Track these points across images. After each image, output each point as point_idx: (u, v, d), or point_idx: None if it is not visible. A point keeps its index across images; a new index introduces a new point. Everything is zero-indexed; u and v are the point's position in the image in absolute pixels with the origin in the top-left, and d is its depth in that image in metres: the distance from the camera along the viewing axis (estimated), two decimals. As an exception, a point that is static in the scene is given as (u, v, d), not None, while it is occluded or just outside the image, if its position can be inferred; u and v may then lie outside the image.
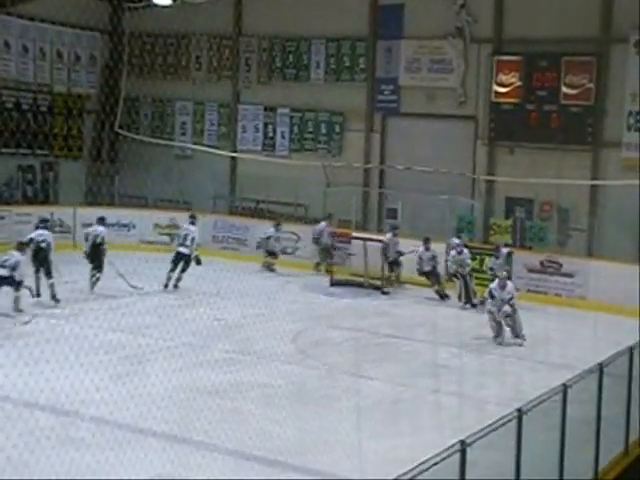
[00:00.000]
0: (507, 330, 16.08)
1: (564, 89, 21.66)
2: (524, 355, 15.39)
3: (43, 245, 17.58)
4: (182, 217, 24.78)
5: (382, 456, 9.91)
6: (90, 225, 19.80)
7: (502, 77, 22.53)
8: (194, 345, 14.49)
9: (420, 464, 6.09)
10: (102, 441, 9.90)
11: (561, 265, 20.27)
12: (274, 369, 12.97)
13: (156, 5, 25.06)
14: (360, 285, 20.84)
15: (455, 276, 19.63)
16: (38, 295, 16.95)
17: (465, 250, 19.58)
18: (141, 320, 15.47)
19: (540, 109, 21.98)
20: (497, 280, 16.29)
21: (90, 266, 18.58)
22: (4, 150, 25.14)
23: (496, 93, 22.61)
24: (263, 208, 25.50)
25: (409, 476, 5.91)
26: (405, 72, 24.04)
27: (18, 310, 16.07)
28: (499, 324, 15.91)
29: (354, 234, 22.29)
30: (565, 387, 8.52)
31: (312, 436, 10.39)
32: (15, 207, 24.20)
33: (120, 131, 26.96)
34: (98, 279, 18.41)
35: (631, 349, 10.23)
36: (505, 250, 19.64)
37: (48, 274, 17.25)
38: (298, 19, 25.09)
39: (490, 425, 7.21)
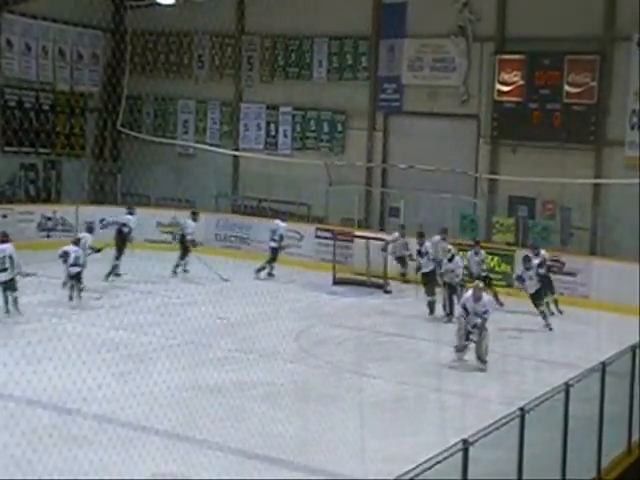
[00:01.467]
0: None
1: (567, 88, 21.64)
2: (526, 354, 15.39)
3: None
4: (184, 215, 24.83)
5: (385, 454, 9.91)
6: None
7: (505, 76, 22.51)
8: (197, 343, 14.50)
9: (423, 463, 6.09)
10: (104, 439, 9.91)
11: (564, 264, 20.25)
12: (277, 367, 12.98)
13: (159, 3, 25.05)
14: (363, 284, 20.84)
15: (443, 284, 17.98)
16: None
17: (457, 258, 18.03)
18: (143, 318, 15.47)
19: (543, 108, 21.96)
20: (471, 290, 14.46)
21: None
22: (7, 149, 25.17)
23: (499, 92, 22.60)
24: (265, 207, 25.50)
25: (412, 475, 5.91)
26: (408, 71, 24.03)
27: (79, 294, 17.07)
28: (466, 335, 14.20)
29: (356, 233, 22.30)
30: (567, 386, 8.51)
31: (315, 434, 10.38)
32: (18, 206, 24.22)
33: (122, 129, 26.95)
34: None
35: (634, 348, 10.21)
36: (536, 261, 17.93)
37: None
38: (301, 17, 25.07)
39: (493, 424, 7.21)
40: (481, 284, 14.93)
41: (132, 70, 27.20)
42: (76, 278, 17.13)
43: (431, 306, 18.02)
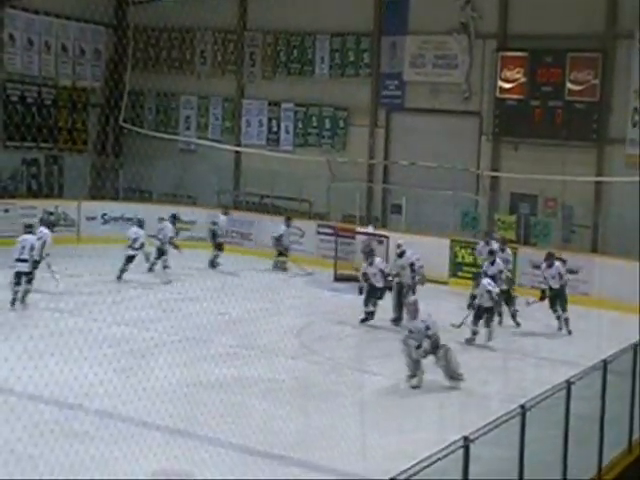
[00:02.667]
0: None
1: (569, 85, 21.63)
2: (528, 352, 15.40)
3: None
4: (186, 211, 24.89)
5: (385, 451, 9.93)
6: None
7: (507, 73, 22.50)
8: (198, 339, 14.53)
9: (423, 460, 6.10)
10: (106, 435, 9.93)
11: (565, 261, 20.20)
12: (278, 364, 12.98)
13: (161, -1, 25.07)
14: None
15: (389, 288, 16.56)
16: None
17: (409, 253, 16.80)
18: (145, 314, 15.50)
19: (545, 105, 21.95)
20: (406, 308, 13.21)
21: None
22: (9, 143, 25.16)
23: (501, 89, 22.58)
24: (267, 203, 25.50)
25: (412, 471, 5.92)
26: (410, 67, 24.02)
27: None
28: (416, 363, 12.74)
29: (358, 229, 22.30)
30: (569, 384, 8.52)
31: (316, 431, 10.40)
32: (20, 200, 24.24)
33: (125, 125, 26.93)
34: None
35: (635, 346, 10.21)
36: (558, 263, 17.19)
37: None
38: (303, 14, 25.04)
39: (493, 421, 7.22)
40: (412, 298, 13.48)
41: (134, 66, 27.15)
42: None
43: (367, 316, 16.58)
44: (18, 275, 16.34)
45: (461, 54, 23.23)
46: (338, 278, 21.16)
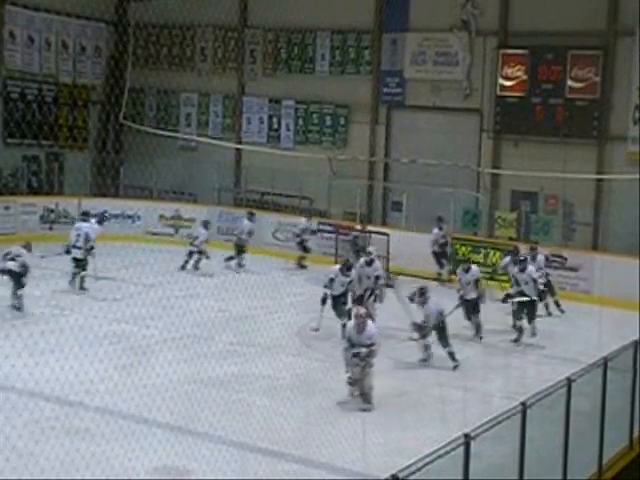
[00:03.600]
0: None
1: (570, 82, 21.62)
2: (529, 349, 15.38)
3: None
4: (187, 208, 24.92)
5: (386, 448, 9.93)
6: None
7: (507, 70, 22.49)
8: (198, 337, 14.52)
9: (424, 457, 6.10)
10: (107, 431, 9.93)
11: (566, 259, 20.25)
12: (279, 361, 12.98)
13: (162, -4, 25.06)
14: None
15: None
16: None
17: (377, 263, 15.96)
18: (145, 311, 15.48)
19: (546, 102, 21.94)
20: (353, 319, 12.00)
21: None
22: (9, 140, 25.17)
23: (501, 86, 22.58)
24: (268, 200, 25.50)
25: (413, 468, 5.92)
26: (410, 65, 24.01)
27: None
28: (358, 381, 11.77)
29: (358, 227, 22.28)
30: (569, 381, 8.52)
31: (316, 428, 10.39)
32: (20, 198, 24.24)
33: (125, 122, 26.95)
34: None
35: (636, 343, 10.21)
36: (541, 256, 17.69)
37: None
38: (303, 11, 25.01)
39: (494, 418, 7.22)
40: (362, 310, 12.17)
41: (135, 63, 27.19)
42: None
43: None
44: (75, 260, 17.55)
45: (462, 51, 23.22)
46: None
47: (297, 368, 12.95)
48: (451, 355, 13.74)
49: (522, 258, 16.24)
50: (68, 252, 17.56)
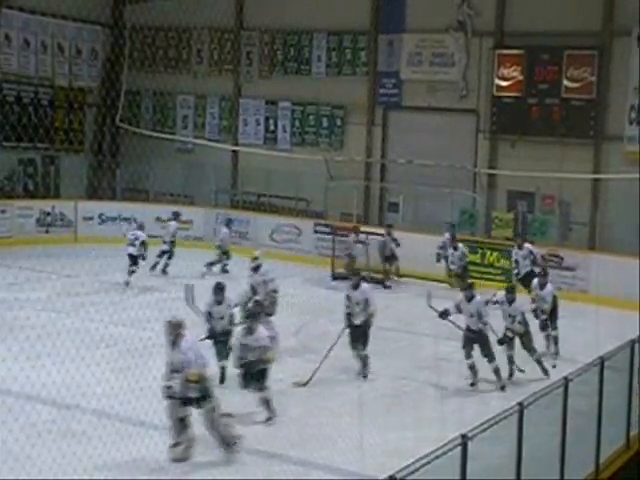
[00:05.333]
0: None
1: (566, 82, 21.63)
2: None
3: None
4: (183, 211, 24.81)
5: (384, 449, 9.92)
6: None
7: (504, 70, 22.50)
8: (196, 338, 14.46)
9: (422, 457, 6.09)
10: (104, 434, 9.91)
11: (562, 259, 20.26)
12: (275, 362, 12.95)
13: (157, -2, 25.08)
14: (364, 279, 20.74)
15: None
16: None
17: (268, 275, 14.52)
18: (142, 314, 15.40)
19: (542, 103, 21.95)
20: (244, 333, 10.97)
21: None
22: (5, 144, 25.13)
23: (498, 86, 22.59)
24: (264, 202, 25.49)
25: (411, 469, 5.92)
26: (407, 65, 24.02)
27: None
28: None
29: (358, 227, 22.29)
30: (566, 380, 8.52)
31: (314, 429, 10.39)
32: (16, 201, 24.23)
33: (121, 125, 26.94)
34: None
35: (632, 342, 10.22)
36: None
37: None
38: (300, 12, 25.05)
39: (492, 418, 7.21)
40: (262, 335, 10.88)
41: (131, 65, 27.17)
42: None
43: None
44: (130, 257, 18.76)
45: (458, 52, 23.23)
46: (336, 277, 21.15)
47: (294, 369, 12.93)
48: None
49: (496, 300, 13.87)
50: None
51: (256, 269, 14.59)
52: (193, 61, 27.50)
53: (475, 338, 12.71)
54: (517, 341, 13.30)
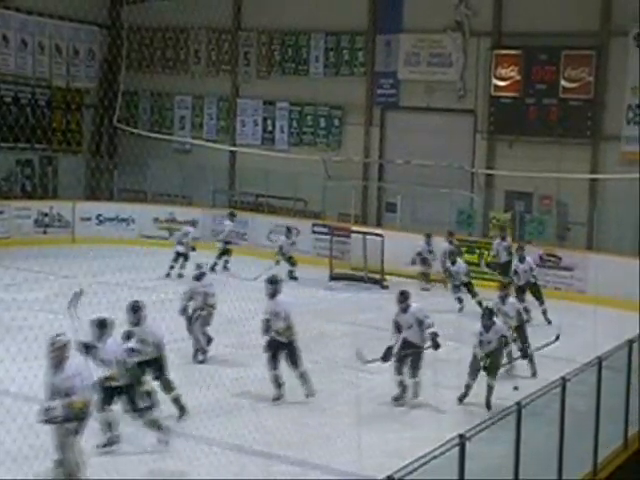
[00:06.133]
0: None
1: (563, 83, 21.65)
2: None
3: None
4: (181, 211, 24.88)
5: (382, 449, 9.92)
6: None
7: (501, 71, 22.52)
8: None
9: (420, 458, 6.09)
10: (101, 435, 9.89)
11: (560, 259, 20.28)
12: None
13: (155, -1, 25.09)
14: (360, 279, 20.83)
15: None
16: None
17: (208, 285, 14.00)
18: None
19: (539, 103, 21.97)
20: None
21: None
22: (3, 144, 25.08)
23: (495, 87, 22.60)
24: (262, 202, 25.49)
25: (409, 469, 5.92)
26: (404, 66, 24.02)
27: None
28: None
29: (353, 228, 22.30)
30: (564, 380, 8.52)
31: (312, 430, 10.39)
32: (14, 202, 24.22)
33: (119, 125, 26.93)
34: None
35: (630, 342, 10.23)
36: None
37: None
38: (297, 13, 25.06)
39: (489, 419, 7.21)
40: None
41: (128, 66, 27.17)
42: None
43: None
44: (176, 254, 19.91)
45: (455, 52, 23.24)
46: (333, 277, 21.16)
47: (292, 370, 12.90)
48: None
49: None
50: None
51: (199, 277, 13.85)
52: (191, 62, 27.50)
53: (409, 352, 11.68)
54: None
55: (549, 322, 16.81)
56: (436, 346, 11.97)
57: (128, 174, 25.72)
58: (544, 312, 17.17)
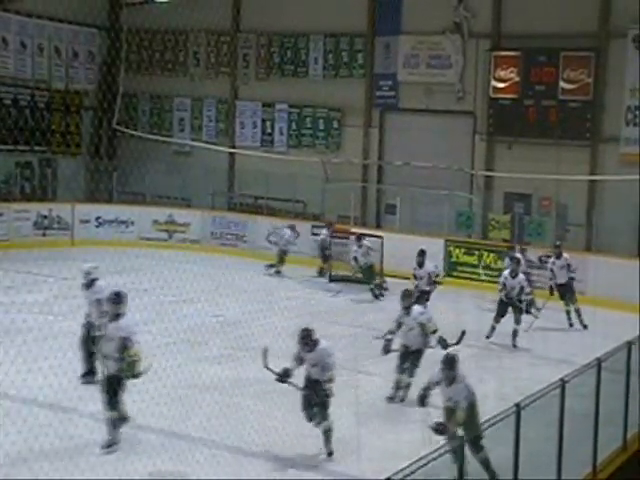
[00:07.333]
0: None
1: (562, 84, 21.66)
2: (522, 350, 15.38)
3: None
4: (180, 213, 24.91)
5: (381, 451, 9.92)
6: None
7: (500, 72, 22.52)
8: (192, 341, 14.49)
9: (419, 459, 6.09)
10: (100, 438, 9.90)
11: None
12: (273, 365, 12.95)
13: (154, 1, 25.06)
14: (359, 281, 20.82)
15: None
16: None
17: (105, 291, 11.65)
18: (139, 316, 15.37)
19: (538, 104, 21.97)
20: None
21: None
22: (2, 147, 25.08)
23: (494, 88, 22.60)
24: (261, 204, 25.49)
25: (408, 471, 5.91)
26: (403, 68, 24.03)
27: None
28: None
29: (353, 230, 22.28)
30: (563, 382, 8.51)
31: (311, 431, 10.37)
32: (13, 204, 24.21)
33: (118, 127, 26.92)
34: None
35: (629, 344, 10.21)
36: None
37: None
38: (296, 15, 25.07)
39: (488, 420, 7.21)
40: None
41: (128, 68, 27.17)
42: None
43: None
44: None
45: (454, 54, 23.24)
46: (333, 279, 21.16)
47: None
48: None
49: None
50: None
51: (89, 285, 12.30)
52: (190, 64, 27.51)
53: (310, 394, 10.20)
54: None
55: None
56: (445, 347, 11.77)
57: (127, 176, 25.72)
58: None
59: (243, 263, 21.84)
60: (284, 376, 10.28)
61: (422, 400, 9.83)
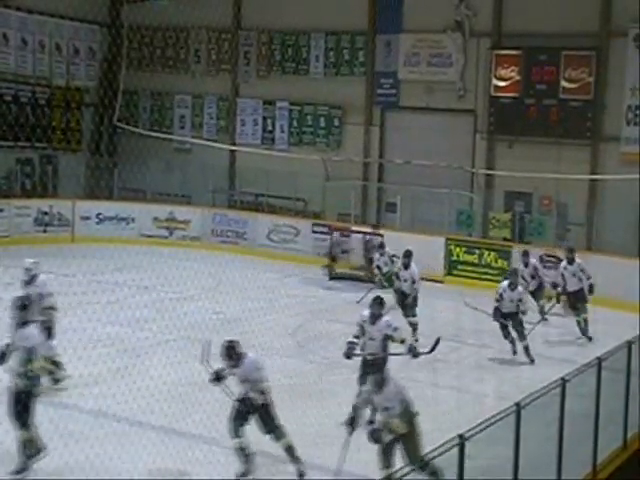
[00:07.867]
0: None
1: (563, 83, 21.65)
2: (523, 349, 15.37)
3: None
4: (181, 210, 24.92)
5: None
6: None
7: (501, 71, 22.51)
8: (192, 339, 14.45)
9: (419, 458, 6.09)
10: (101, 434, 9.92)
11: (560, 259, 20.22)
12: (273, 363, 12.93)
13: (155, -2, 25.07)
14: (359, 279, 20.83)
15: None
16: None
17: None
18: (140, 314, 15.46)
19: (539, 103, 21.96)
20: None
21: None
22: (2, 143, 25.11)
23: (495, 87, 22.59)
24: (262, 202, 25.49)
25: (408, 470, 5.92)
26: (404, 66, 24.01)
27: None
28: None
29: (353, 228, 22.31)
30: (564, 381, 8.51)
31: (311, 430, 10.39)
32: (14, 200, 24.21)
33: (119, 124, 26.93)
34: None
35: (630, 343, 10.22)
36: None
37: None
38: (297, 12, 25.04)
39: (489, 419, 7.21)
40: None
41: (128, 65, 27.16)
42: None
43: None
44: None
45: (456, 52, 23.23)
46: (333, 277, 21.17)
47: (291, 370, 12.94)
48: None
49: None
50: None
51: (30, 281, 12.10)
52: (191, 61, 27.48)
53: (248, 410, 9.41)
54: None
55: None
56: (415, 355, 11.35)
57: (128, 173, 25.67)
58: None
59: (243, 261, 21.83)
60: (216, 378, 9.47)
61: (351, 422, 9.05)
